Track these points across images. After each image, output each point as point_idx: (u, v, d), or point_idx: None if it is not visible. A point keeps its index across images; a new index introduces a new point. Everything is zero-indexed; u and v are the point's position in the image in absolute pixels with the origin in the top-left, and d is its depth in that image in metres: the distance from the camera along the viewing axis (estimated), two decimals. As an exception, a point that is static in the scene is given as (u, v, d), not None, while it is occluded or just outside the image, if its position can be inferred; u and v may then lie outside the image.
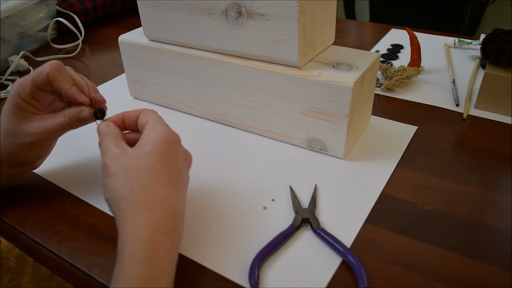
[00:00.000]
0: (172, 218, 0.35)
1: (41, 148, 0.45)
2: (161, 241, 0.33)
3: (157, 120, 0.40)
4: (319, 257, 0.41)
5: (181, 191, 0.38)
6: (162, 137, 0.38)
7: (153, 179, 0.35)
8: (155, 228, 0.33)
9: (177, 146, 0.39)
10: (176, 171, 0.38)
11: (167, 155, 0.37)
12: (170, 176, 0.37)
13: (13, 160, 0.45)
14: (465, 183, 0.50)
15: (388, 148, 0.56)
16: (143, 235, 0.33)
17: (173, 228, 0.34)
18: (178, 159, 0.39)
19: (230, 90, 0.58)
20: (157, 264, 0.32)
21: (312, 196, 0.48)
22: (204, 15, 0.54)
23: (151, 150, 0.37)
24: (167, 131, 0.39)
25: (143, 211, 0.34)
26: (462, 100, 0.67)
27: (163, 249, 0.33)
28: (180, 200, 0.37)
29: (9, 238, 0.47)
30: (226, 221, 0.46)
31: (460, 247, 0.42)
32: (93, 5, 1.06)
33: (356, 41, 0.94)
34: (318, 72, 0.50)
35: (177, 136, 0.40)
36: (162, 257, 0.32)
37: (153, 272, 0.31)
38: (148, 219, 0.33)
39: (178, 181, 0.38)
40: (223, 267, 0.41)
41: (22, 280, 1.12)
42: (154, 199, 0.34)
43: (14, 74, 0.84)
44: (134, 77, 0.68)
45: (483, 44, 0.64)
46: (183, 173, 0.40)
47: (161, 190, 0.35)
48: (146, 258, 0.32)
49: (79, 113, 0.43)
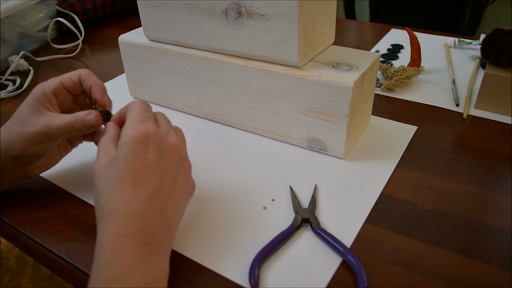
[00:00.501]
0: (136, 221, 0.35)
1: (39, 144, 0.44)
2: (123, 243, 0.34)
3: (130, 118, 0.39)
4: (319, 257, 0.41)
5: (152, 191, 0.37)
6: (127, 139, 0.37)
7: (116, 185, 0.36)
8: (116, 233, 0.34)
9: (145, 143, 0.37)
10: (144, 170, 0.37)
11: (131, 157, 0.37)
12: (135, 179, 0.36)
13: (9, 149, 0.45)
14: (465, 183, 0.50)
15: (388, 148, 0.56)
16: (106, 241, 0.34)
17: (139, 229, 0.35)
18: (148, 156, 0.37)
19: (230, 90, 0.58)
20: (120, 264, 0.33)
21: (312, 196, 0.48)
22: (204, 15, 0.54)
23: (117, 156, 0.37)
24: (133, 130, 0.38)
25: (107, 219, 0.35)
26: (462, 100, 0.67)
27: (126, 250, 0.34)
28: (150, 200, 0.36)
29: (9, 238, 0.47)
30: (226, 221, 0.46)
31: (460, 247, 0.42)
32: (93, 5, 1.06)
33: (356, 41, 0.94)
34: (318, 72, 0.50)
35: (145, 133, 0.38)
36: (126, 257, 0.33)
37: (116, 272, 0.33)
38: (110, 226, 0.35)
39: (146, 181, 0.37)
40: (223, 267, 0.41)
41: (22, 280, 1.12)
42: (116, 206, 0.35)
43: (14, 74, 0.84)
44: (134, 77, 0.68)
45: (483, 44, 0.64)
46: (157, 169, 0.37)
47: (123, 196, 0.36)
48: (107, 261, 0.33)
49: (86, 115, 0.44)
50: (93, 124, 0.43)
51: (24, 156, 0.45)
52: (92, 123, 0.43)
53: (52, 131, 0.44)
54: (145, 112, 0.40)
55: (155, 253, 0.35)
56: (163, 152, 0.38)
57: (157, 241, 0.36)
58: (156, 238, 0.36)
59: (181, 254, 0.42)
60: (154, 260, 0.35)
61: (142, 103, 0.42)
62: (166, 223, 0.37)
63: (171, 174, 0.39)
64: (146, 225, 0.35)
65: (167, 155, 0.39)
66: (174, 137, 0.40)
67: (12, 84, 0.79)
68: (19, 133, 0.44)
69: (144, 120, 0.39)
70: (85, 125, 0.44)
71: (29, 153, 0.45)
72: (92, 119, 0.43)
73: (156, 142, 0.38)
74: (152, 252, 0.35)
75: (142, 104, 0.41)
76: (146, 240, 0.35)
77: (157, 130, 0.39)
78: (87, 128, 0.44)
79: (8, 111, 0.71)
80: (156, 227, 0.36)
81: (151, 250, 0.35)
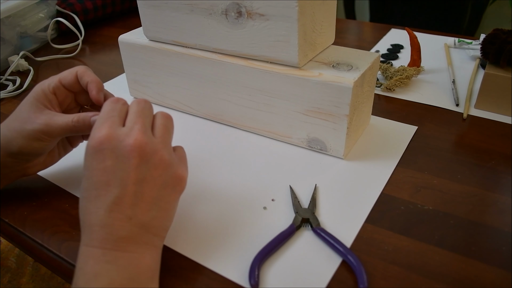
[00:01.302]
0: (100, 231, 0.36)
1: (38, 142, 0.44)
2: (90, 252, 0.35)
3: (95, 124, 0.38)
4: (319, 257, 0.41)
5: (114, 198, 0.36)
6: (86, 150, 0.37)
7: (83, 198, 0.37)
8: (86, 243, 0.36)
9: (100, 152, 0.36)
10: (103, 180, 0.36)
11: (90, 168, 0.37)
12: (96, 190, 0.36)
13: (8, 145, 0.45)
14: (465, 183, 0.50)
15: (388, 148, 0.56)
16: (80, 251, 0.36)
17: (103, 237, 0.36)
18: (105, 164, 0.36)
19: (230, 90, 0.58)
20: (88, 271, 0.35)
21: (312, 196, 0.48)
22: (204, 15, 0.54)
23: (83, 169, 0.38)
24: (90, 139, 0.37)
25: (82, 230, 0.37)
26: (462, 100, 0.67)
27: (93, 258, 0.35)
28: (112, 208, 0.36)
29: (9, 238, 0.47)
30: (226, 221, 0.46)
31: (460, 247, 0.42)
32: (93, 5, 1.06)
33: (356, 41, 0.94)
34: (318, 72, 0.50)
35: (98, 140, 0.36)
36: (92, 265, 0.35)
37: (85, 278, 0.35)
38: (83, 237, 0.37)
39: (107, 190, 0.36)
40: (223, 267, 0.41)
41: (22, 280, 1.12)
42: (84, 218, 0.37)
43: (14, 74, 0.84)
44: (134, 77, 0.68)
45: (483, 44, 0.64)
46: (116, 175, 0.36)
47: (89, 208, 0.37)
48: (79, 269, 0.35)
49: (91, 117, 0.44)
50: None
51: (23, 153, 0.45)
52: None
53: (52, 130, 0.44)
54: (110, 112, 0.38)
55: (125, 256, 0.36)
56: (120, 156, 0.36)
57: (126, 245, 0.36)
58: (125, 243, 0.36)
59: (181, 253, 0.42)
60: (125, 263, 0.36)
61: (109, 102, 0.40)
62: (136, 226, 0.37)
63: (134, 176, 0.36)
64: (110, 233, 0.36)
65: (125, 157, 0.36)
66: (133, 135, 0.37)
67: (12, 84, 0.79)
68: (18, 129, 0.44)
69: (99, 126, 0.37)
70: (88, 126, 0.44)
71: (27, 150, 0.45)
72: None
73: (112, 147, 0.36)
74: (120, 256, 0.36)
75: (106, 105, 0.39)
76: (112, 247, 0.36)
77: (111, 134, 0.36)
78: (89, 129, 0.43)
79: (8, 111, 0.71)
80: (122, 232, 0.36)
81: (119, 255, 0.36)
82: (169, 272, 0.41)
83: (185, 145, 0.43)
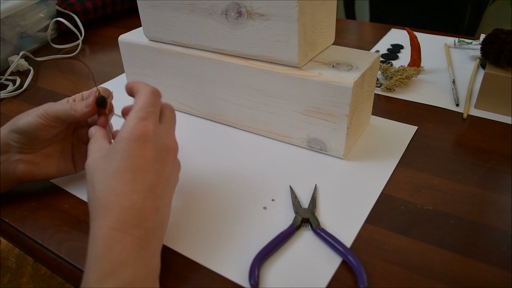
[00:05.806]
0: (133, 215, 0.35)
1: (40, 119, 0.46)
2: (119, 237, 0.34)
3: (133, 113, 0.39)
4: (319, 257, 0.41)
5: (149, 186, 0.37)
6: (126, 136, 0.38)
7: (113, 178, 0.36)
8: (111, 226, 0.34)
9: (143, 142, 0.38)
10: (142, 165, 0.37)
11: (130, 152, 0.37)
12: (132, 173, 0.37)
13: (15, 120, 0.47)
14: (465, 183, 0.50)
15: (388, 148, 0.56)
16: (100, 234, 0.34)
17: (134, 224, 0.35)
18: (146, 153, 0.38)
19: (230, 90, 0.58)
20: (114, 258, 0.33)
21: (312, 196, 0.48)
22: (204, 15, 0.54)
23: (115, 150, 0.38)
24: (133, 127, 0.38)
25: (102, 212, 0.35)
26: (462, 100, 0.67)
27: (121, 244, 0.33)
28: (147, 195, 0.37)
29: (9, 238, 0.47)
30: (226, 221, 0.46)
31: (460, 247, 0.42)
32: (93, 5, 1.06)
33: (356, 41, 0.94)
34: (318, 72, 0.50)
35: (144, 132, 0.38)
36: (120, 252, 0.33)
37: (110, 266, 0.32)
38: (105, 218, 0.35)
39: (144, 176, 0.37)
40: (223, 267, 0.41)
41: (22, 280, 1.12)
42: (113, 198, 0.35)
43: (14, 74, 0.84)
44: (134, 77, 0.68)
45: (483, 44, 0.64)
46: (154, 166, 0.38)
47: (121, 189, 0.36)
48: (101, 255, 0.33)
49: (87, 98, 0.46)
50: (89, 103, 0.45)
51: (28, 131, 0.45)
52: (88, 102, 0.45)
53: (51, 109, 0.46)
54: (149, 107, 0.40)
55: (149, 249, 0.35)
56: (161, 151, 0.39)
57: (151, 237, 0.36)
58: (150, 234, 0.36)
59: (180, 253, 0.42)
60: (147, 256, 0.35)
61: (150, 94, 0.41)
62: (160, 219, 0.38)
63: (167, 172, 0.39)
64: (142, 220, 0.35)
65: (164, 154, 0.39)
66: (172, 137, 0.41)
67: (12, 84, 0.79)
68: (25, 111, 0.47)
69: (145, 118, 0.39)
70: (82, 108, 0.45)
71: (32, 128, 0.45)
72: (91, 100, 0.45)
73: (155, 141, 0.39)
74: (145, 247, 0.35)
75: (149, 96, 0.41)
76: (140, 235, 0.35)
77: (155, 131, 0.39)
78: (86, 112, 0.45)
79: (8, 111, 0.71)
80: (150, 223, 0.36)
81: (144, 246, 0.35)
82: (169, 272, 0.41)
83: (185, 145, 0.43)
